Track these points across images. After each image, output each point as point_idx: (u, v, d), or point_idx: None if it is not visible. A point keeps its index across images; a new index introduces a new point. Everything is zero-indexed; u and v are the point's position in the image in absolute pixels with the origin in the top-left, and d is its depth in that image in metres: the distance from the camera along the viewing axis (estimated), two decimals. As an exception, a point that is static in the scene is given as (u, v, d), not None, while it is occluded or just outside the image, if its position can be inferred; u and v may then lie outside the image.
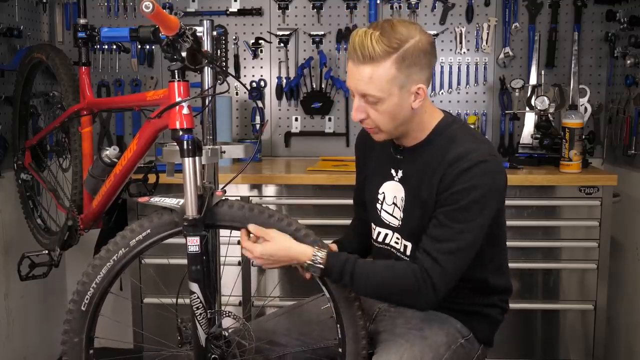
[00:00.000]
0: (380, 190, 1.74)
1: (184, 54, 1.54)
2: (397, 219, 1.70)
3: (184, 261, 1.56)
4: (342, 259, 1.56)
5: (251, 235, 1.60)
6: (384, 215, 1.73)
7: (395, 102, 1.54)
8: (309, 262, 1.56)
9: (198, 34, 1.64)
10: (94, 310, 1.64)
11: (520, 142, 2.89)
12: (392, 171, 1.71)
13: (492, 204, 1.57)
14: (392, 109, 1.55)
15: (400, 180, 1.69)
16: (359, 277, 1.55)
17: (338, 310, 1.63)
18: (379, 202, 1.74)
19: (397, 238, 1.71)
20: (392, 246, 1.73)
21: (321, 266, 1.55)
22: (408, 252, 1.69)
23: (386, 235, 1.74)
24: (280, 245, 1.58)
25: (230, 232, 1.67)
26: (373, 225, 1.78)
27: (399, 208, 1.69)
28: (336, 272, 1.55)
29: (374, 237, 1.78)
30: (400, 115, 1.57)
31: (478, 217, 1.54)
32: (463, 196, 1.52)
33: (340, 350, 1.65)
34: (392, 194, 1.71)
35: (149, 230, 1.62)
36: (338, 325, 1.64)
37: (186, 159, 1.54)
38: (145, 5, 1.34)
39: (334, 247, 1.79)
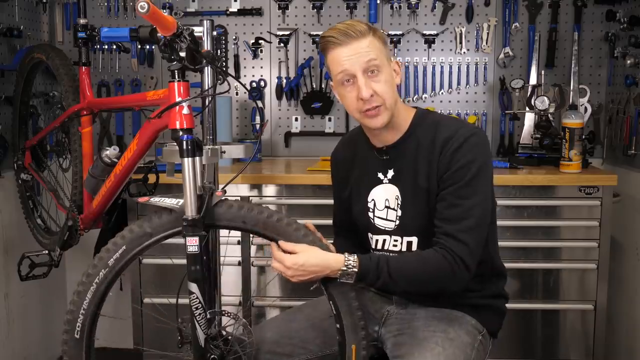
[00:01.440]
0: (370, 198, 1.75)
1: (182, 54, 1.54)
2: (392, 221, 1.71)
3: (180, 261, 1.55)
4: (374, 260, 1.58)
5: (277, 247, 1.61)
6: (377, 222, 1.74)
7: (389, 74, 1.64)
8: (343, 268, 1.56)
9: (196, 34, 1.64)
10: (88, 336, 1.64)
11: (520, 142, 2.89)
12: (380, 175, 1.74)
13: (489, 173, 1.66)
14: (389, 80, 1.64)
15: (392, 180, 1.71)
16: (397, 272, 1.57)
17: (335, 303, 1.62)
18: (370, 210, 1.75)
19: (395, 240, 1.72)
20: (391, 250, 1.73)
21: (355, 270, 1.56)
22: (414, 248, 1.70)
23: (384, 240, 1.75)
24: (311, 254, 1.57)
25: (229, 232, 1.66)
26: (370, 235, 1.78)
27: (393, 209, 1.71)
28: (372, 274, 1.57)
29: (373, 246, 1.78)
30: (394, 90, 1.66)
31: (482, 188, 1.62)
32: (464, 172, 1.59)
33: (338, 338, 1.64)
34: (383, 198, 1.73)
35: (124, 247, 1.62)
36: (335, 315, 1.63)
37: (185, 159, 1.54)
38: (141, 5, 1.33)
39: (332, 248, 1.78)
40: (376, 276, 1.57)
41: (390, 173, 1.72)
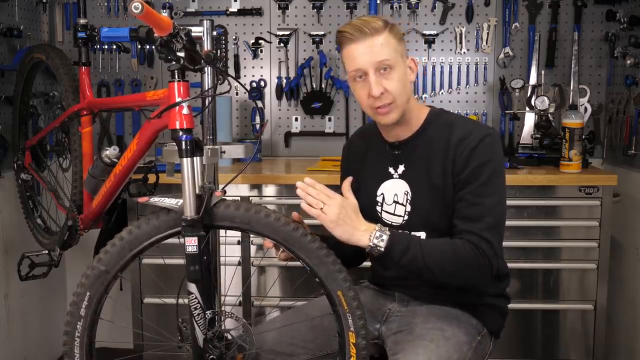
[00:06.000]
0: (379, 192, 1.76)
1: (180, 54, 1.53)
2: (400, 216, 1.72)
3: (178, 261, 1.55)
4: (406, 233, 1.62)
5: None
6: (385, 216, 1.75)
7: (402, 71, 1.65)
8: (377, 228, 1.57)
9: (196, 34, 1.64)
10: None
11: (520, 142, 2.89)
12: (390, 169, 1.75)
13: (503, 172, 1.69)
14: (402, 77, 1.65)
15: (402, 175, 1.73)
16: (427, 247, 1.58)
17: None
18: (379, 204, 1.76)
19: None
20: None
21: (388, 233, 1.56)
22: None
23: None
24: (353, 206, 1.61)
25: (226, 232, 1.66)
26: None
27: (401, 204, 1.72)
28: (404, 242, 1.57)
29: None
30: (407, 87, 1.67)
31: (500, 186, 1.66)
32: (482, 171, 1.61)
33: (322, 290, 1.62)
34: (392, 192, 1.73)
35: (89, 293, 1.62)
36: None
37: (184, 159, 1.53)
38: (135, 6, 1.32)
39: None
40: (406, 246, 1.56)
41: (401, 168, 1.73)
